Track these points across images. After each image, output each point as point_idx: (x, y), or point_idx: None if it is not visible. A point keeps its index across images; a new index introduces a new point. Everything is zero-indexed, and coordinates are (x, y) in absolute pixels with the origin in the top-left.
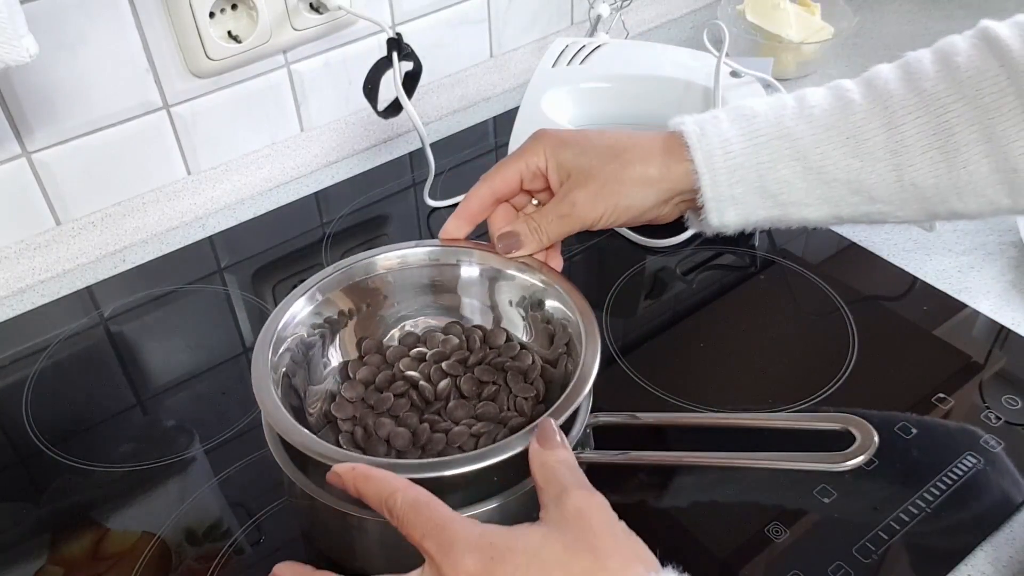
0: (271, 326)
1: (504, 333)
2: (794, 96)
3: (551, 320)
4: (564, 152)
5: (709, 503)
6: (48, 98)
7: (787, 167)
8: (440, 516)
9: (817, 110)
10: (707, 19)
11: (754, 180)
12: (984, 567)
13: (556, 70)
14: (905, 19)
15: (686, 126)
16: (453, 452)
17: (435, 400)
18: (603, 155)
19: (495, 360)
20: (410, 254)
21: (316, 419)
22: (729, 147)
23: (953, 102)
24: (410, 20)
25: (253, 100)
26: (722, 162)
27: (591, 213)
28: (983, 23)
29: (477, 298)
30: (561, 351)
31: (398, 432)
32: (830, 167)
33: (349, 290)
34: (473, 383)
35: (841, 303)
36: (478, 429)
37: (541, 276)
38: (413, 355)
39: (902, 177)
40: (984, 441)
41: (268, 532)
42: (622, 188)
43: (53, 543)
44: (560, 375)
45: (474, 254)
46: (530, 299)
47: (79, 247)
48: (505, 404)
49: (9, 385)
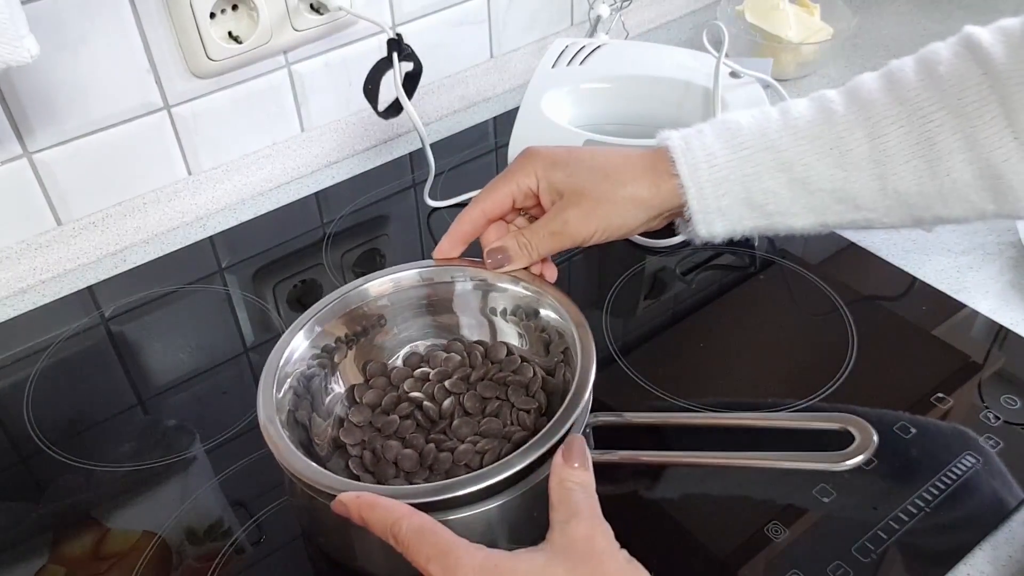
0: (272, 364)
1: (504, 347)
2: (778, 108)
3: (546, 328)
4: (555, 173)
5: (708, 503)
6: (49, 98)
7: (772, 178)
8: (444, 542)
9: (801, 121)
10: (707, 19)
11: (740, 192)
12: (983, 566)
13: (556, 70)
14: (904, 19)
15: (672, 141)
16: (460, 470)
17: (440, 419)
18: (594, 175)
19: (497, 375)
20: (403, 277)
21: (325, 446)
22: (714, 160)
23: (936, 110)
24: (410, 21)
25: (254, 100)
26: (707, 175)
27: (583, 231)
28: (966, 29)
29: (473, 313)
30: (558, 359)
31: (405, 454)
32: (814, 177)
33: (347, 318)
34: (476, 400)
35: (840, 303)
36: (483, 446)
37: (533, 286)
38: (417, 375)
39: (886, 186)
40: (983, 441)
41: (268, 531)
42: (614, 208)
43: (54, 542)
44: (559, 384)
45: (467, 270)
46: (524, 309)
47: (80, 247)
48: (508, 419)
49: (10, 385)
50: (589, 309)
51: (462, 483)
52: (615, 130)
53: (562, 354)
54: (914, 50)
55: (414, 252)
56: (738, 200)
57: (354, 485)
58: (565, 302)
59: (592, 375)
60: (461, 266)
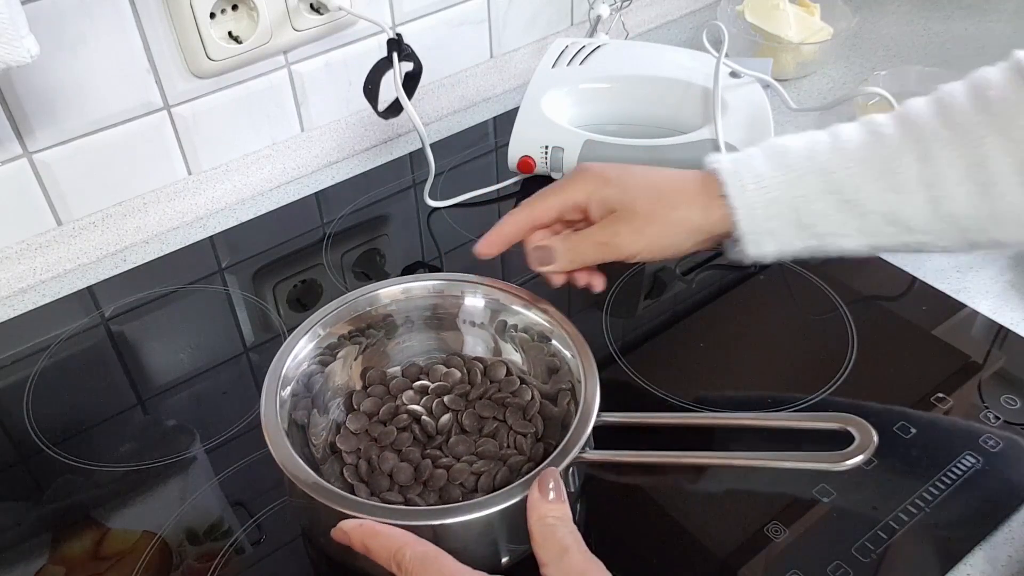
0: (276, 367)
1: (504, 367)
2: (827, 131)
3: (556, 354)
4: (607, 190)
5: (708, 502)
6: (49, 98)
7: (822, 201)
8: (448, 569)
9: (850, 144)
10: (707, 19)
11: (789, 214)
12: (983, 566)
13: (556, 70)
14: (904, 19)
15: (721, 164)
16: (454, 489)
17: (437, 434)
18: (648, 193)
19: (496, 395)
20: (414, 287)
21: (321, 450)
22: (763, 182)
23: (987, 134)
24: (410, 20)
25: (254, 100)
26: (757, 196)
27: (631, 246)
28: (1017, 54)
29: (479, 329)
30: (563, 387)
31: (401, 467)
32: (865, 199)
33: (353, 322)
34: (474, 418)
35: (840, 303)
36: (478, 467)
37: (544, 314)
38: (416, 388)
39: (938, 208)
40: (983, 440)
41: (268, 532)
42: (666, 229)
43: (54, 542)
44: (560, 413)
45: (478, 287)
46: (534, 332)
47: (80, 247)
48: (505, 441)
49: (10, 385)
50: (589, 309)
51: (459, 510)
52: (615, 130)
53: (568, 383)
54: (914, 50)
55: (414, 252)
56: (788, 222)
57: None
58: (574, 333)
59: (596, 405)
60: (473, 281)
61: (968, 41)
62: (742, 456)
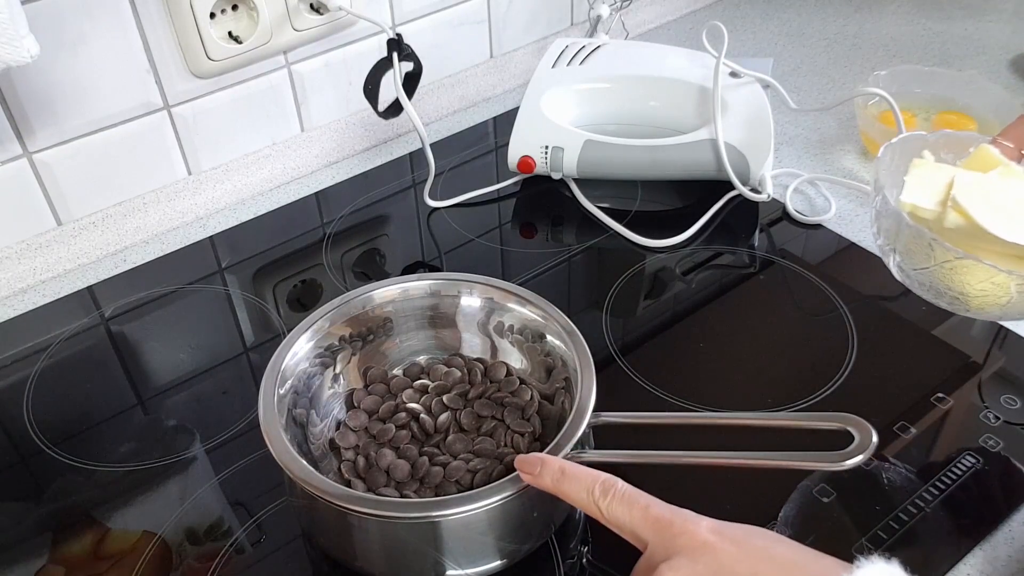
0: (275, 366)
1: (504, 367)
2: None
3: (551, 354)
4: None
5: (708, 502)
6: (49, 98)
7: None
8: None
9: None
10: (707, 19)
11: None
12: (983, 566)
13: (556, 70)
14: (904, 19)
15: None
16: (450, 486)
17: (435, 433)
18: None
19: (495, 395)
20: (412, 287)
21: (320, 446)
22: None
23: None
24: (410, 21)
25: (254, 100)
26: None
27: None
28: None
29: (477, 330)
30: (559, 386)
31: (398, 464)
32: None
33: (352, 322)
34: (472, 417)
35: (840, 303)
36: (475, 465)
37: (541, 311)
38: (416, 386)
39: None
40: (983, 440)
41: (268, 532)
42: None
43: (54, 542)
44: (557, 411)
45: (475, 287)
46: (531, 330)
47: (80, 247)
48: (503, 440)
49: (10, 385)
50: (589, 309)
51: (454, 502)
52: (615, 130)
53: (564, 381)
54: (914, 50)
55: (414, 252)
56: None
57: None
58: (571, 329)
59: (592, 402)
60: (470, 281)
61: (968, 41)
62: (742, 456)
